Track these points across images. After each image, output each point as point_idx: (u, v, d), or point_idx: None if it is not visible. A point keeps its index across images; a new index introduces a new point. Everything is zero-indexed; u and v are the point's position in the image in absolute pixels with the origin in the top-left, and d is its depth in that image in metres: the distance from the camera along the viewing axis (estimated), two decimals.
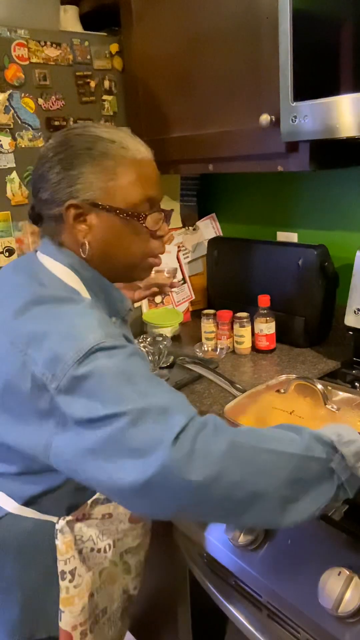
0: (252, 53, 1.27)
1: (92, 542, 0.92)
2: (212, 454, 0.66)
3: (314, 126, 1.08)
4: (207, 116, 1.45)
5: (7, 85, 1.45)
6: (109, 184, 0.83)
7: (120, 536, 0.96)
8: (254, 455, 0.68)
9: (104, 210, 0.84)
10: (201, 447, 0.66)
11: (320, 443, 0.71)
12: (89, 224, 0.85)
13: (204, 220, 1.96)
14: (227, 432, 0.69)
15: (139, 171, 0.85)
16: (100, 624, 0.96)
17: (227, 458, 0.66)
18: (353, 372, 1.38)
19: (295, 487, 0.68)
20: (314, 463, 0.69)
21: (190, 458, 0.65)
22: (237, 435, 0.69)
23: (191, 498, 0.66)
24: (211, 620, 1.15)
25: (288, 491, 0.68)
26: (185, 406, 0.71)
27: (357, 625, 0.75)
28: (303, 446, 0.70)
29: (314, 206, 1.67)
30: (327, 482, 0.70)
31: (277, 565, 0.87)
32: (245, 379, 1.40)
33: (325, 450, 0.71)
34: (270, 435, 0.72)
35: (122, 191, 0.84)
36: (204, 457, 0.65)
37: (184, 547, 1.07)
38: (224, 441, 0.67)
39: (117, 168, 0.83)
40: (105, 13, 1.68)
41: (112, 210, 0.84)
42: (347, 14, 0.99)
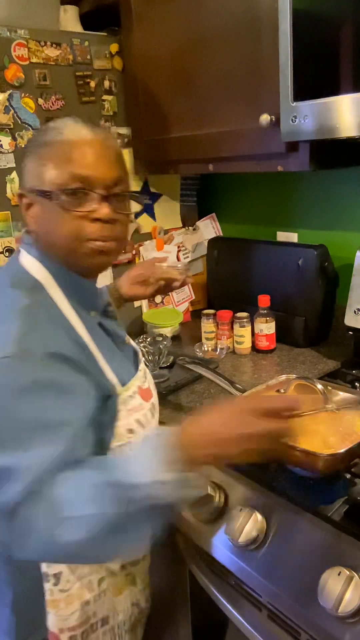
0: (252, 53, 1.27)
1: None
2: (40, 537, 0.68)
3: (314, 126, 1.08)
4: (207, 116, 1.45)
5: (7, 85, 1.45)
6: (40, 169, 0.82)
7: None
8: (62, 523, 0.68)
9: (39, 195, 0.82)
10: (33, 527, 0.68)
11: (115, 489, 0.69)
12: (34, 211, 0.84)
13: (204, 220, 1.96)
14: (56, 514, 0.68)
15: (69, 151, 0.81)
16: (97, 633, 0.95)
17: (53, 542, 0.68)
18: (353, 372, 1.38)
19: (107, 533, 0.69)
20: (126, 508, 0.68)
21: (21, 538, 0.68)
22: (62, 518, 0.68)
23: (33, 555, 0.75)
24: (211, 620, 1.15)
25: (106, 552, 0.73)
26: (33, 470, 0.68)
27: (357, 625, 0.75)
28: (102, 499, 0.68)
29: (314, 206, 1.67)
30: (146, 512, 0.70)
31: (277, 565, 0.87)
32: (245, 379, 1.40)
33: (120, 494, 0.69)
34: (91, 498, 0.69)
35: (50, 173, 0.81)
36: (35, 538, 0.68)
37: (184, 547, 1.07)
38: (51, 525, 0.68)
39: (49, 152, 0.82)
40: (105, 13, 1.68)
41: (42, 194, 0.81)
42: (347, 14, 0.99)
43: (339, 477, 0.97)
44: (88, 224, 0.82)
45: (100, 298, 0.92)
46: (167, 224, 1.90)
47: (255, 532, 0.89)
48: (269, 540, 0.89)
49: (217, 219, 1.97)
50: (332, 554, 0.82)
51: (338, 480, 0.97)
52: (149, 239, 1.85)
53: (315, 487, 0.97)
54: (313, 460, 0.91)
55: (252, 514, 0.91)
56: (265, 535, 0.90)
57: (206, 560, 1.02)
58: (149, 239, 1.85)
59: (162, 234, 1.87)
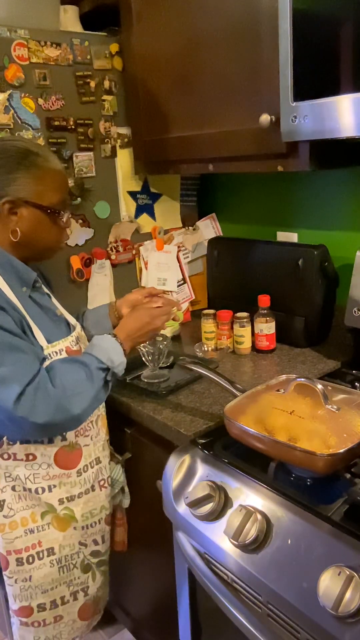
0: (252, 53, 1.27)
1: (21, 481, 1.13)
2: (49, 406, 1.01)
3: (314, 126, 1.08)
4: (207, 116, 1.45)
5: (7, 85, 1.45)
6: (37, 188, 1.11)
7: (55, 482, 1.15)
8: (72, 399, 1.04)
9: (33, 206, 1.11)
10: (38, 403, 1.00)
11: (102, 370, 1.10)
12: (19, 216, 1.11)
13: (204, 220, 1.96)
14: (54, 390, 1.02)
15: (57, 180, 1.14)
16: (44, 560, 1.16)
17: (58, 406, 1.02)
18: (353, 372, 1.38)
19: (94, 400, 1.09)
20: (101, 383, 1.10)
21: (33, 411, 0.99)
22: (60, 392, 1.02)
23: (40, 432, 1.06)
24: (211, 620, 1.15)
25: (91, 405, 1.08)
26: (23, 375, 1.00)
27: (357, 625, 0.75)
28: (95, 379, 1.08)
29: (314, 206, 1.67)
30: (106, 386, 1.13)
31: (277, 565, 0.87)
32: (245, 379, 1.40)
33: (104, 374, 1.11)
34: (78, 381, 1.06)
35: (47, 194, 1.12)
36: (44, 409, 1.00)
37: (183, 547, 1.07)
38: (53, 397, 1.01)
39: (43, 177, 1.11)
40: (105, 13, 1.68)
41: (40, 207, 1.12)
42: (347, 14, 0.99)
43: (339, 477, 0.97)
44: (63, 232, 1.20)
45: (29, 275, 1.15)
46: (167, 224, 1.90)
47: (255, 532, 0.90)
48: (269, 540, 0.90)
49: (217, 219, 1.97)
50: (332, 554, 0.82)
51: (338, 480, 0.97)
52: (149, 239, 1.85)
53: (315, 487, 0.98)
54: (313, 460, 0.91)
55: (252, 514, 0.91)
56: (265, 535, 0.90)
57: (206, 560, 1.02)
58: (149, 239, 1.85)
59: (162, 234, 1.87)
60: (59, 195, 1.14)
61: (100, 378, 1.10)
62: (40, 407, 1.00)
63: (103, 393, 1.12)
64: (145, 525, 1.41)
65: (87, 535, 1.23)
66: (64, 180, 1.17)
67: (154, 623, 1.56)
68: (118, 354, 1.14)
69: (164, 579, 1.35)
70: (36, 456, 1.13)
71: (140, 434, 1.35)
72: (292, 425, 1.00)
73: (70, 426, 1.11)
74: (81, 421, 1.09)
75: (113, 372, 1.12)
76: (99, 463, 1.24)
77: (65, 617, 1.23)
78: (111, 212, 1.74)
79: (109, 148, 1.69)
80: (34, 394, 1.00)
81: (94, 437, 1.22)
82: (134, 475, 1.35)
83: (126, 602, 1.68)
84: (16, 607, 1.19)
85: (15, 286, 1.12)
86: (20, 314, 1.09)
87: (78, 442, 1.18)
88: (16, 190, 1.09)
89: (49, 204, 1.12)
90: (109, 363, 1.11)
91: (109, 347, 1.14)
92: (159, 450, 1.26)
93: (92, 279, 1.72)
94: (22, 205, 1.10)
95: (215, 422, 1.19)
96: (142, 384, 1.41)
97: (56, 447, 1.15)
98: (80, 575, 1.23)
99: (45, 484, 1.15)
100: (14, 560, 1.15)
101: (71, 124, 1.58)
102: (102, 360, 1.11)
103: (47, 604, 1.19)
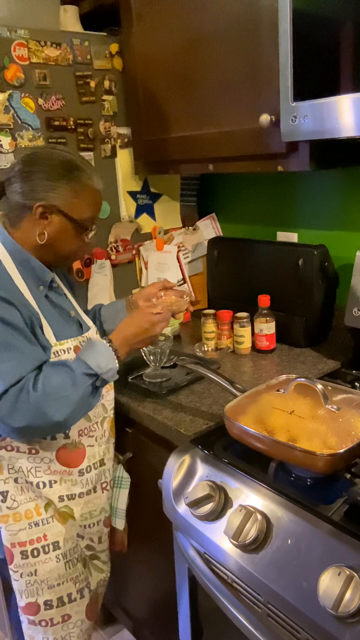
0: (252, 53, 1.27)
1: (24, 473, 1.14)
2: (27, 410, 1.02)
3: (314, 126, 1.08)
4: (207, 116, 1.45)
5: (7, 85, 1.45)
6: (73, 200, 1.14)
7: (56, 478, 1.16)
8: (53, 404, 1.04)
9: (64, 216, 1.14)
10: (19, 406, 1.01)
11: (89, 376, 1.09)
12: (49, 220, 1.14)
13: (204, 220, 1.96)
14: (35, 393, 1.02)
15: (93, 198, 1.18)
16: (50, 555, 1.17)
17: (37, 410, 1.02)
18: (353, 372, 1.38)
19: (79, 406, 1.09)
20: (88, 389, 1.10)
21: (11, 414, 1.01)
22: (40, 395, 1.02)
23: (17, 435, 1.07)
24: (211, 620, 1.15)
25: (76, 411, 1.08)
26: (11, 375, 1.02)
27: (357, 625, 0.75)
28: (80, 385, 1.08)
29: (314, 206, 1.67)
30: (96, 392, 1.13)
31: (277, 565, 0.87)
32: (245, 379, 1.40)
33: (92, 380, 1.10)
34: (61, 386, 1.05)
35: (80, 208, 1.15)
36: (22, 412, 1.01)
37: (183, 547, 1.07)
38: (32, 402, 1.02)
39: (81, 192, 1.15)
40: (105, 13, 1.68)
41: (70, 219, 1.14)
42: (347, 14, 0.99)
43: (338, 477, 0.97)
44: (85, 246, 1.22)
45: (45, 274, 1.17)
46: (167, 224, 1.90)
47: (255, 532, 0.89)
48: (269, 540, 0.90)
49: (217, 219, 1.97)
50: (332, 554, 0.82)
51: (338, 480, 0.97)
52: (149, 239, 1.85)
53: (315, 487, 0.98)
54: (313, 460, 0.91)
55: (252, 514, 0.91)
56: (265, 535, 0.90)
57: (206, 560, 1.02)
58: (149, 239, 1.85)
59: (162, 234, 1.87)
60: (90, 212, 1.17)
61: (86, 384, 1.09)
62: (19, 411, 1.01)
63: (92, 399, 1.12)
64: (145, 525, 1.41)
65: (85, 533, 1.24)
66: (99, 199, 1.20)
67: (154, 623, 1.56)
68: (109, 359, 1.13)
69: (164, 579, 1.35)
70: (39, 450, 1.13)
71: (141, 433, 1.35)
72: (292, 425, 1.00)
73: (52, 431, 1.11)
74: (65, 427, 1.09)
75: (102, 378, 1.12)
76: (103, 465, 1.24)
77: (73, 617, 1.22)
78: (111, 212, 1.74)
79: (109, 148, 1.69)
80: (16, 397, 1.01)
81: (99, 439, 1.22)
82: (135, 475, 1.35)
83: (126, 602, 1.68)
84: (23, 604, 1.19)
85: (32, 284, 1.14)
86: (32, 310, 1.10)
87: (82, 442, 1.18)
88: (53, 198, 1.12)
89: (80, 218, 1.15)
90: (97, 369, 1.10)
91: (100, 352, 1.13)
92: (159, 450, 1.26)
93: (92, 279, 1.72)
94: (54, 212, 1.13)
95: (215, 422, 1.19)
96: (142, 383, 1.41)
97: (58, 444, 1.15)
98: (83, 571, 1.23)
99: (47, 478, 1.15)
100: (18, 553, 1.15)
101: (71, 124, 1.58)
102: (91, 366, 1.10)
103: (54, 601, 1.19)
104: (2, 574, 1.25)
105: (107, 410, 1.24)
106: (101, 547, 1.29)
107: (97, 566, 1.29)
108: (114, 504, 1.32)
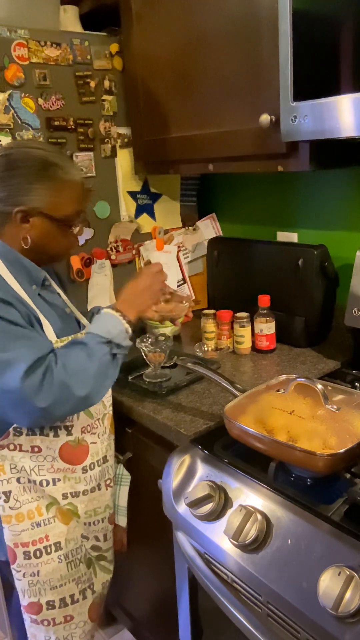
0: (252, 53, 1.27)
1: (26, 472, 1.13)
2: (52, 388, 1.00)
3: (314, 126, 1.08)
4: (207, 116, 1.45)
5: (7, 85, 1.45)
6: (53, 199, 1.11)
7: (59, 476, 1.15)
8: (74, 379, 1.03)
9: (46, 217, 1.12)
10: (45, 383, 1.00)
11: (103, 344, 1.08)
12: (31, 224, 1.12)
13: (204, 220, 1.96)
14: (57, 369, 1.01)
15: (74, 192, 1.15)
16: (52, 555, 1.16)
17: (61, 386, 1.01)
18: (353, 372, 1.38)
19: (99, 378, 1.07)
20: (105, 359, 1.08)
21: (37, 393, 0.99)
22: (61, 371, 1.02)
23: (42, 416, 1.03)
24: (211, 620, 1.15)
25: (97, 383, 1.07)
26: (29, 355, 1.00)
27: (357, 625, 0.75)
28: (96, 355, 1.07)
29: (314, 206, 1.67)
30: (114, 360, 1.11)
31: (277, 565, 0.87)
32: (245, 379, 1.40)
33: (107, 347, 1.09)
34: (78, 361, 1.05)
35: (62, 206, 1.13)
36: (47, 391, 1.00)
37: (183, 547, 1.07)
38: (56, 377, 1.01)
39: (61, 189, 1.12)
40: (105, 13, 1.68)
41: (53, 219, 1.12)
42: (347, 14, 0.99)
43: (339, 477, 0.97)
44: (74, 241, 1.21)
45: (38, 273, 1.16)
46: (167, 224, 1.90)
47: (255, 532, 0.89)
48: (269, 540, 0.90)
49: (217, 219, 1.97)
50: (332, 554, 0.82)
51: (338, 480, 0.97)
52: (149, 239, 1.85)
53: (315, 487, 0.98)
54: (313, 460, 0.91)
55: (252, 514, 0.91)
56: (265, 535, 0.90)
57: (206, 560, 1.02)
58: (149, 239, 1.85)
59: (162, 234, 1.87)
60: (74, 207, 1.15)
61: (102, 353, 1.08)
62: (44, 390, 1.00)
63: (112, 369, 1.11)
64: (145, 525, 1.41)
65: (89, 531, 1.23)
66: (81, 192, 1.17)
67: (154, 623, 1.56)
68: (115, 323, 1.12)
69: (164, 579, 1.35)
70: (41, 448, 1.13)
71: (141, 433, 1.35)
72: (292, 425, 1.00)
73: (78, 407, 1.09)
74: (92, 401, 1.08)
75: (117, 344, 1.10)
76: (106, 462, 1.24)
77: (76, 618, 1.22)
78: (111, 212, 1.74)
79: (109, 148, 1.69)
80: (43, 374, 1.00)
81: (101, 435, 1.22)
82: (135, 475, 1.35)
83: (126, 602, 1.68)
84: (25, 603, 1.19)
85: (25, 284, 1.13)
86: (30, 308, 1.10)
87: (85, 439, 1.18)
88: (31, 201, 1.10)
89: (62, 215, 1.13)
90: (107, 335, 1.09)
91: (105, 320, 1.12)
92: (159, 450, 1.26)
93: (92, 279, 1.72)
94: (35, 214, 1.11)
95: (215, 422, 1.19)
96: (142, 383, 1.41)
97: (61, 441, 1.14)
98: (86, 571, 1.23)
99: (50, 476, 1.14)
100: (21, 553, 1.15)
101: (71, 124, 1.58)
102: (100, 334, 1.09)
103: (57, 602, 1.19)
104: (2, 574, 1.25)
105: (106, 406, 1.24)
106: (106, 546, 1.28)
107: (104, 567, 1.29)
108: (116, 501, 1.31)
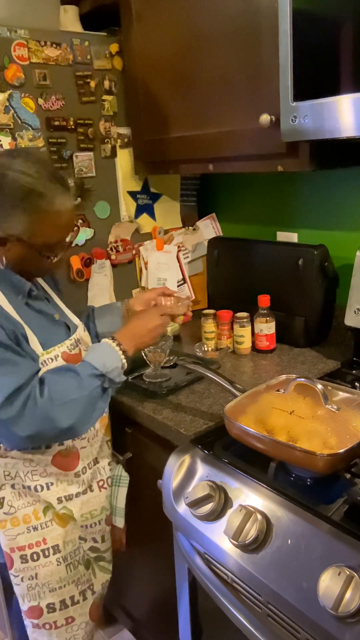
0: (252, 53, 1.27)
1: (21, 479, 1.13)
2: (34, 417, 1.01)
3: (314, 126, 1.08)
4: (207, 116, 1.45)
5: (7, 85, 1.45)
6: (33, 227, 1.07)
7: (52, 480, 1.16)
8: (59, 410, 1.03)
9: (24, 243, 1.08)
10: (26, 412, 1.01)
11: (96, 377, 1.09)
12: (8, 248, 1.09)
13: (204, 220, 1.96)
14: (42, 400, 1.02)
15: (57, 221, 1.09)
16: (50, 558, 1.16)
17: (44, 417, 1.02)
18: (353, 372, 1.38)
19: (87, 409, 1.07)
20: (95, 392, 1.09)
21: (17, 422, 1.00)
22: (46, 402, 1.02)
23: (25, 443, 1.07)
24: (211, 620, 1.15)
25: (84, 415, 1.07)
26: (9, 383, 1.00)
27: (357, 625, 0.75)
28: (87, 387, 1.07)
29: (314, 206, 1.67)
30: (104, 394, 1.12)
31: (277, 565, 0.87)
32: (245, 379, 1.40)
33: (99, 381, 1.09)
34: (67, 389, 1.05)
35: (43, 233, 1.08)
36: (29, 420, 1.01)
37: (183, 547, 1.07)
38: (40, 408, 1.01)
39: (43, 220, 1.07)
40: (105, 13, 1.68)
41: (32, 246, 1.08)
42: (347, 14, 0.99)
43: (338, 477, 0.97)
44: (57, 263, 1.15)
45: (23, 284, 1.13)
46: (167, 224, 1.90)
47: (255, 532, 0.89)
48: (269, 540, 0.90)
49: (217, 219, 1.97)
50: (332, 554, 0.82)
51: (338, 480, 0.97)
52: (149, 239, 1.85)
53: (315, 487, 0.98)
54: (313, 460, 0.91)
55: (252, 514, 0.91)
56: (265, 535, 0.90)
57: (206, 560, 1.02)
58: (149, 239, 1.85)
59: (162, 234, 1.87)
60: (57, 236, 1.11)
61: (94, 385, 1.08)
62: (26, 419, 1.00)
63: (102, 402, 1.11)
64: (145, 526, 1.41)
65: (87, 533, 1.24)
66: (66, 220, 1.11)
67: (154, 623, 1.56)
68: (114, 358, 1.12)
69: (164, 579, 1.35)
70: (33, 460, 1.14)
71: (141, 433, 1.35)
72: (292, 425, 1.00)
73: (61, 438, 1.11)
74: (76, 433, 1.08)
75: (109, 378, 1.10)
76: (97, 464, 1.24)
77: (77, 619, 1.22)
78: (111, 212, 1.74)
79: (109, 148, 1.69)
80: (23, 404, 1.00)
81: (91, 439, 1.22)
82: (134, 475, 1.35)
83: (126, 602, 1.68)
84: (26, 608, 1.19)
85: (11, 295, 1.11)
86: (14, 322, 1.08)
87: (75, 445, 1.18)
88: (8, 228, 1.06)
89: (41, 243, 1.09)
90: (102, 368, 1.09)
91: (104, 351, 1.12)
92: (159, 450, 1.26)
93: (92, 279, 1.72)
94: (11, 240, 1.08)
95: (215, 422, 1.19)
96: (142, 383, 1.41)
97: (53, 452, 1.15)
98: (85, 572, 1.23)
99: (43, 481, 1.15)
100: (18, 557, 1.15)
101: (71, 124, 1.58)
102: (96, 366, 1.09)
103: (57, 604, 1.19)
104: (2, 575, 1.25)
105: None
106: (105, 547, 1.28)
107: (103, 567, 1.29)
108: (114, 502, 1.31)
